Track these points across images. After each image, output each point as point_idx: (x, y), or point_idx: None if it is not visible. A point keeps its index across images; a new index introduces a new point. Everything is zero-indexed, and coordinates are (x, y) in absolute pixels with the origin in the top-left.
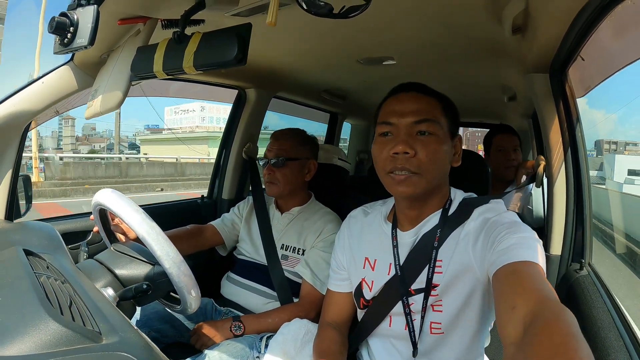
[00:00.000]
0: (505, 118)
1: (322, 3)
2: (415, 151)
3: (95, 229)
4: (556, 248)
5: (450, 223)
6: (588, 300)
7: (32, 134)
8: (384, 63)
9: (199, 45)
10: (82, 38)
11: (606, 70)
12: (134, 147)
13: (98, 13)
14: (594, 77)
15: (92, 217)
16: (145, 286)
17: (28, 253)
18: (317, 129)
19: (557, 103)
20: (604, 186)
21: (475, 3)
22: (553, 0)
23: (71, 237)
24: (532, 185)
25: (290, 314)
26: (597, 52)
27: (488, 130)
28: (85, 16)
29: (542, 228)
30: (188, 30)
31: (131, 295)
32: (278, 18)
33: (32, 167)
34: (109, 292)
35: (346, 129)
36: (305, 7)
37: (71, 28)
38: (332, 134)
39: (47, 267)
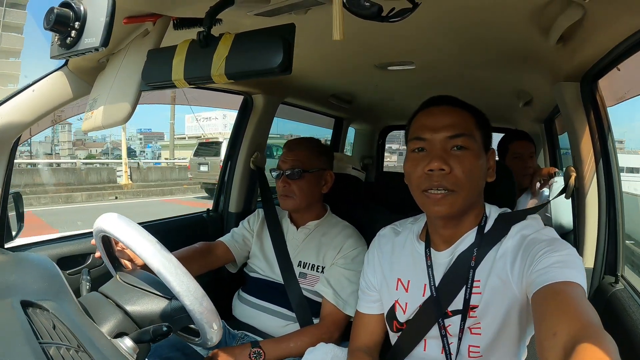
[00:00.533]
0: (516, 122)
1: (367, 4)
2: (450, 168)
3: (97, 254)
4: (588, 261)
5: (486, 241)
6: (632, 316)
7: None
8: (402, 68)
9: (232, 49)
10: (93, 37)
11: None
12: (132, 151)
13: (114, 2)
14: (626, 87)
15: (92, 241)
16: (165, 329)
17: (27, 304)
18: (313, 132)
19: (588, 113)
20: None
21: (522, 12)
22: (615, 14)
23: (69, 262)
24: (547, 193)
25: (312, 337)
26: (635, 62)
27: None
28: (95, 6)
29: (564, 237)
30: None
31: (149, 339)
32: (296, 21)
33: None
34: (127, 343)
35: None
36: (348, 6)
37: (76, 23)
38: (338, 140)
39: (54, 327)
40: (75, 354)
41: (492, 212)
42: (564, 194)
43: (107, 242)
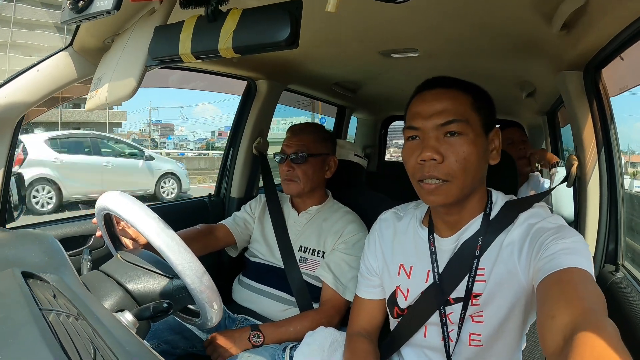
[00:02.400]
0: (517, 114)
1: None
2: (443, 157)
3: (99, 233)
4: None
5: (492, 228)
6: (632, 304)
7: None
8: (406, 55)
9: (240, 23)
10: (105, 0)
11: None
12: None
13: None
14: (629, 77)
15: (94, 220)
16: (165, 305)
17: (28, 275)
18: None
19: (591, 102)
20: None
21: (524, 0)
22: None
23: (71, 243)
24: (546, 183)
25: (312, 321)
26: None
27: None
28: None
29: None
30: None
31: (149, 315)
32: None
33: None
34: (127, 317)
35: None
36: None
37: None
38: (340, 128)
39: (54, 296)
40: (74, 321)
41: (499, 199)
42: (565, 183)
43: (109, 220)
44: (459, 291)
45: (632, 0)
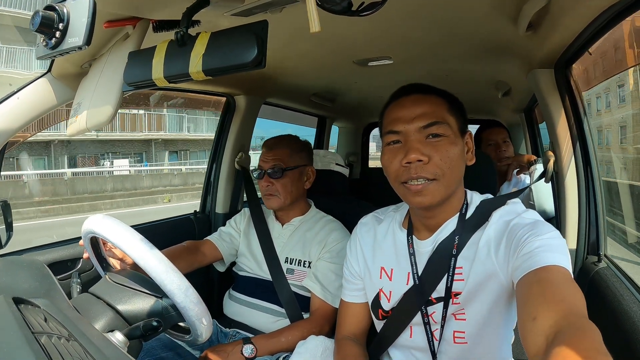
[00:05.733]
0: (496, 113)
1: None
2: (429, 157)
3: (86, 255)
4: (571, 242)
5: (468, 228)
6: (615, 293)
7: None
8: (380, 63)
9: (208, 46)
10: (76, 36)
11: (612, 67)
12: None
13: (94, 4)
14: (598, 72)
15: (81, 242)
16: (155, 323)
17: (19, 301)
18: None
19: (563, 98)
20: None
21: (489, 3)
22: None
23: (59, 267)
24: (527, 179)
25: (303, 331)
26: (606, 47)
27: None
28: (77, 9)
29: (549, 222)
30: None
31: (139, 334)
32: (273, 20)
33: None
34: (118, 337)
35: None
36: (320, 3)
37: (60, 24)
38: (321, 138)
39: (45, 320)
40: (66, 342)
41: (475, 198)
42: (543, 179)
43: (95, 243)
44: (439, 291)
45: None
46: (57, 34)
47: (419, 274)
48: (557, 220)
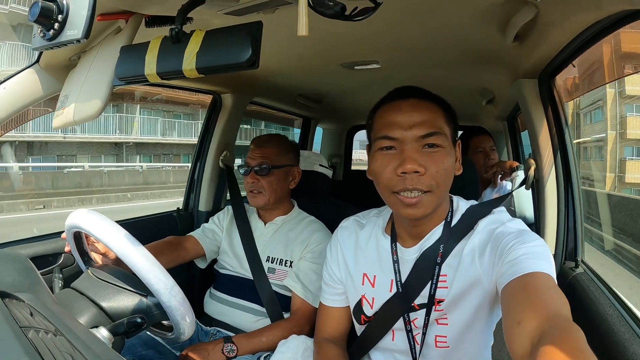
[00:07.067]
0: (480, 120)
1: (331, 3)
2: (425, 168)
3: (67, 248)
4: (549, 247)
5: (453, 236)
6: (592, 298)
7: None
8: (367, 67)
9: (202, 44)
10: (74, 29)
11: (596, 79)
12: None
13: None
14: (581, 83)
15: (63, 235)
16: (139, 320)
17: (4, 295)
18: None
19: (546, 108)
20: None
21: (479, 12)
22: (566, 12)
23: (41, 261)
24: (509, 186)
25: (284, 330)
26: (590, 59)
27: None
28: (77, 1)
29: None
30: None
31: (123, 331)
32: (263, 20)
33: None
34: (103, 332)
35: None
36: (313, 5)
37: (59, 16)
38: (306, 139)
39: (31, 314)
40: (53, 337)
41: (461, 205)
42: (524, 185)
43: (78, 236)
44: (422, 297)
45: (578, 14)
46: (56, 25)
47: (403, 281)
48: (536, 226)
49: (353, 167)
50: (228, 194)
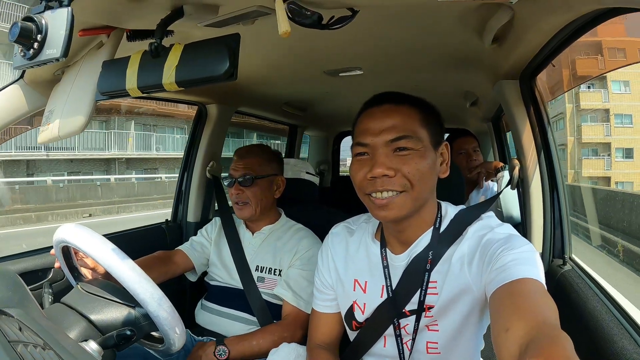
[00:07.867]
0: (465, 122)
1: (308, 12)
2: (395, 170)
3: (57, 264)
4: (537, 246)
5: (442, 243)
6: (580, 294)
7: None
8: (350, 73)
9: (181, 58)
10: (54, 48)
11: (576, 78)
12: None
13: (72, 17)
14: (562, 83)
15: (52, 251)
16: (129, 332)
17: None
18: None
19: (528, 108)
20: None
21: (455, 17)
22: (540, 14)
23: (30, 277)
24: (495, 187)
25: (275, 335)
26: (569, 59)
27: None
28: (55, 20)
29: (516, 228)
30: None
31: (113, 344)
32: (245, 31)
33: None
34: (92, 346)
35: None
36: (291, 16)
37: (39, 36)
38: (292, 147)
39: (20, 329)
40: (42, 351)
41: (449, 211)
42: (509, 186)
43: (67, 252)
44: (413, 304)
45: (552, 16)
46: (35, 45)
47: (393, 287)
48: (523, 225)
49: (343, 174)
50: (216, 205)
